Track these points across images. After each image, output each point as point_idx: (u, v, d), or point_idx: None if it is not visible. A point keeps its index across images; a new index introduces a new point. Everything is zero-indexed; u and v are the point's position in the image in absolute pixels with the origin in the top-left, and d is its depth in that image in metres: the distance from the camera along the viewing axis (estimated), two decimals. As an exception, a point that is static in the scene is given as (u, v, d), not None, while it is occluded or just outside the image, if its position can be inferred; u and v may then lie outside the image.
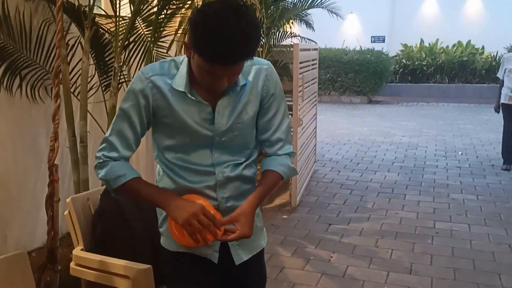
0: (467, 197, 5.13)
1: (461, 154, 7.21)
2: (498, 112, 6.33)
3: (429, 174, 6.10)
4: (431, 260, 3.65)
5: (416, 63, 15.03)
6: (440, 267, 3.53)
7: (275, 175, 1.60)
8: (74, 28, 3.39)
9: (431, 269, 3.50)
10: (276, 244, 3.92)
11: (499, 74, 6.31)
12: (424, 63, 14.93)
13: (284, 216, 4.59)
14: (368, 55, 13.53)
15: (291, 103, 4.96)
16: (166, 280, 1.65)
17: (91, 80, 3.43)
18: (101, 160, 1.52)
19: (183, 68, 1.50)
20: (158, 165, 1.64)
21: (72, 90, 3.32)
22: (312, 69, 5.74)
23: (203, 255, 1.58)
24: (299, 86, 4.72)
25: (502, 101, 6.15)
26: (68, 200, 2.20)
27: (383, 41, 16.17)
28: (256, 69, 1.56)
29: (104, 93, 3.47)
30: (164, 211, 1.51)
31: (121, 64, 3.36)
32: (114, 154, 1.51)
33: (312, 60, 5.79)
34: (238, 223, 1.48)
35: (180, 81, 1.49)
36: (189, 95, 1.49)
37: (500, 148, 6.43)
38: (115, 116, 1.55)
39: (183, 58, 1.52)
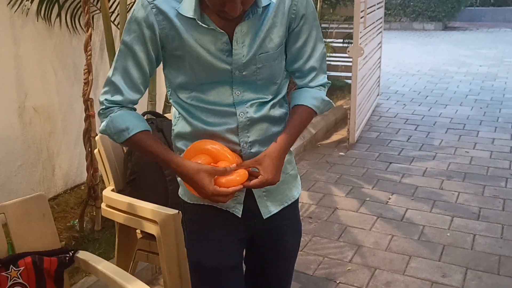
0: (551, 135, 4.57)
1: (548, 86, 6.44)
2: None
3: (508, 108, 5.50)
4: (503, 205, 3.28)
5: (501, -17, 13.48)
6: (514, 214, 3.17)
7: (307, 111, 1.35)
8: (112, -50, 3.15)
9: (502, 215, 3.15)
10: (330, 183, 3.70)
11: None
12: (510, -17, 13.36)
13: (341, 153, 4.32)
14: (445, -25, 12.28)
15: (351, 30, 4.51)
16: (185, 234, 1.48)
17: (131, 8, 3.21)
18: (104, 106, 1.29)
19: None
20: (173, 107, 1.41)
21: (112, 19, 3.13)
22: (378, -9, 5.17)
23: (224, 208, 1.37)
24: (361, 12, 4.24)
25: None
26: (97, 137, 2.07)
27: (464, -41, 14.54)
28: None
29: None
30: None
31: (162, -12, 3.09)
32: (118, 98, 1.28)
33: (379, -20, 5.20)
34: (261, 167, 1.25)
35: (188, 5, 1.22)
36: (199, 22, 1.22)
37: None
38: (117, 52, 1.29)
39: None
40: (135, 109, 1.34)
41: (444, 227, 3.03)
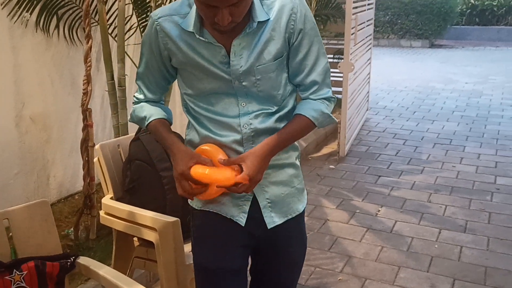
0: (534, 151, 4.71)
1: (531, 103, 6.61)
2: None
3: (493, 124, 5.64)
4: (489, 218, 3.37)
5: (485, 3, 13.83)
6: (499, 226, 3.26)
7: (305, 121, 1.39)
8: (111, -35, 3.22)
9: (488, 228, 3.24)
10: (320, 195, 3.76)
11: None
12: (494, 3, 13.71)
13: (331, 166, 4.40)
14: (432, -5, 12.57)
15: (342, 46, 4.62)
16: (191, 239, 1.53)
17: (128, 20, 3.28)
18: (133, 101, 1.54)
19: (195, 6, 1.31)
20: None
21: (110, 31, 3.19)
22: (368, 9, 5.32)
23: (229, 216, 1.43)
24: (352, 28, 4.36)
25: None
26: (97, 146, 2.12)
27: (450, -21, 14.89)
28: (280, 3, 1.34)
29: (143, 34, 3.32)
30: None
31: (159, 3, 3.17)
32: (141, 96, 1.52)
33: (368, -1, 5.34)
34: (244, 164, 1.31)
35: (189, 21, 1.32)
36: (197, 36, 1.31)
37: None
38: (139, 59, 1.49)
39: None
40: (161, 103, 1.53)
41: (432, 239, 3.11)
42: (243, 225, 1.42)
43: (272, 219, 1.44)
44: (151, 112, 1.47)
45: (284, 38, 1.35)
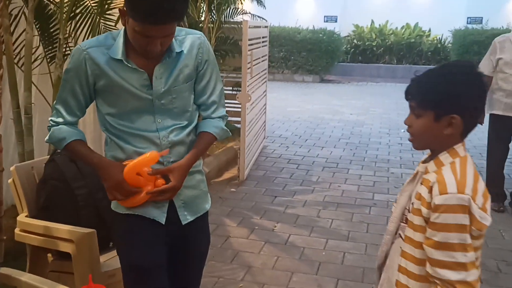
0: (405, 172, 5.45)
1: (404, 131, 7.57)
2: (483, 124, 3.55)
3: (372, 150, 6.40)
4: (367, 228, 3.91)
5: (366, 44, 15.40)
6: (375, 234, 3.79)
7: (210, 136, 1.75)
8: (17, -3, 3.33)
9: (366, 236, 3.75)
10: (222, 216, 4.07)
11: (484, 67, 4.00)
12: (374, 44, 15.31)
13: (232, 189, 4.74)
14: (320, 35, 13.73)
15: (240, 79, 5.06)
16: (115, 243, 1.75)
17: (35, 51, 3.39)
18: (49, 125, 1.69)
19: (120, 39, 1.61)
20: (105, 135, 1.72)
21: (16, 61, 3.28)
22: (262, 46, 5.84)
23: (151, 217, 1.68)
24: (248, 63, 4.82)
25: (493, 111, 4.12)
26: (12, 168, 2.23)
27: (336, 21, 16.39)
28: (191, 38, 1.70)
29: (49, 64, 3.45)
30: None
31: (67, 36, 3.34)
32: (60, 120, 1.68)
33: (263, 37, 5.88)
34: (172, 175, 1.62)
35: (117, 50, 1.60)
36: (125, 62, 1.59)
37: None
38: (60, 86, 1.68)
39: (120, 31, 1.64)
40: (76, 126, 1.71)
41: (320, 247, 3.54)
42: (163, 223, 1.69)
43: (186, 217, 1.73)
44: (69, 134, 1.67)
45: (194, 66, 1.70)
